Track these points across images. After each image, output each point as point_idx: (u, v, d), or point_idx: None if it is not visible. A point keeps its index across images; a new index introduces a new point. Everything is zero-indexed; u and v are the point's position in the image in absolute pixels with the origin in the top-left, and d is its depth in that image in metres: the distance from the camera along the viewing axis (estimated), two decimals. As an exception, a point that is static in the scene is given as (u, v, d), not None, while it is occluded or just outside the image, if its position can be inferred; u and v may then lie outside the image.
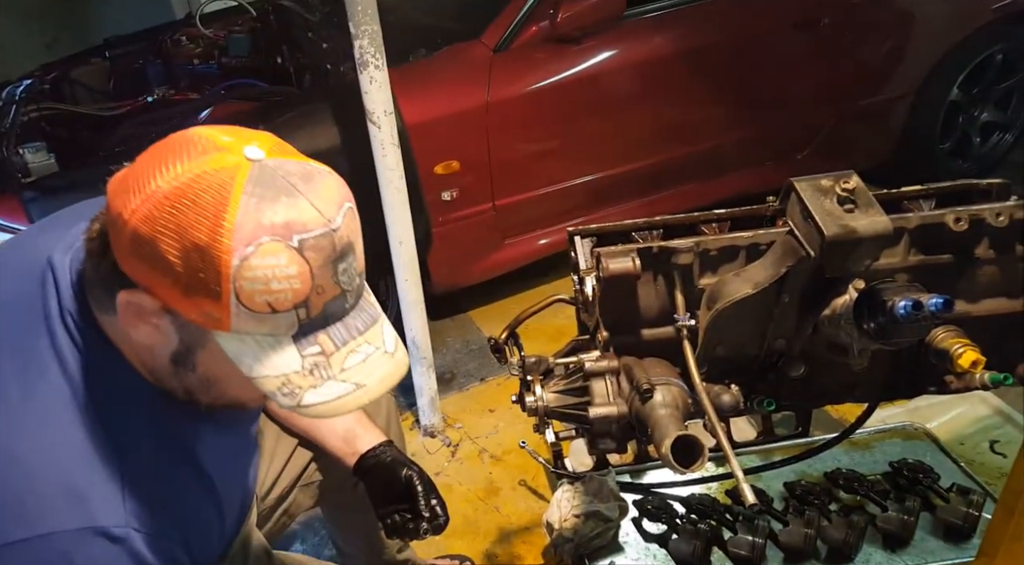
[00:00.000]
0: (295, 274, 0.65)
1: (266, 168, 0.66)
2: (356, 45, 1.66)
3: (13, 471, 0.72)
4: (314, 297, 0.67)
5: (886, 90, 2.88)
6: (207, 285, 0.64)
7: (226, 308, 0.65)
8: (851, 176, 0.87)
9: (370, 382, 0.72)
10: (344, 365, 0.71)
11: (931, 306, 0.83)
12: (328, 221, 0.66)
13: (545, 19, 2.30)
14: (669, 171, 2.67)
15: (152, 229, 0.63)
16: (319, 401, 0.69)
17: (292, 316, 0.67)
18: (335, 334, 0.71)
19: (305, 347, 0.69)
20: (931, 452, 1.72)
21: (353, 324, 0.72)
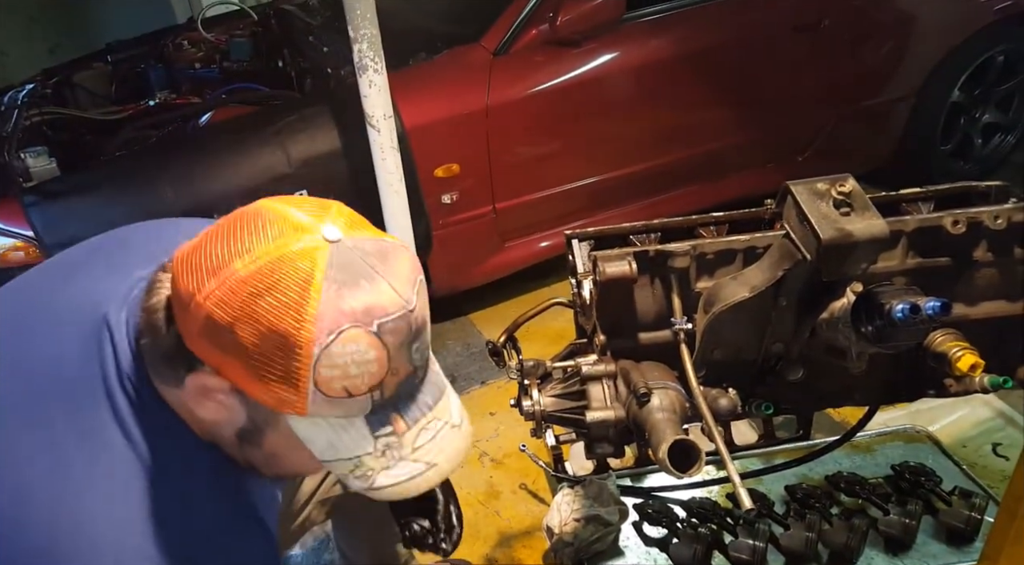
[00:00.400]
0: (373, 359, 0.64)
1: (344, 250, 0.64)
2: (355, 49, 1.66)
3: (81, 544, 0.70)
4: (389, 379, 0.66)
5: (887, 91, 2.87)
6: (286, 372, 0.63)
7: (303, 395, 0.64)
8: (847, 179, 0.87)
9: (440, 460, 0.71)
10: (415, 444, 0.70)
11: (929, 309, 0.83)
12: (406, 302, 0.65)
13: (545, 22, 2.30)
14: (670, 174, 2.66)
15: (229, 315, 0.62)
16: (391, 483, 0.69)
17: (367, 399, 0.66)
18: (407, 413, 0.70)
19: (377, 428, 0.68)
20: (933, 455, 1.70)
21: (423, 400, 0.71)
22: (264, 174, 1.92)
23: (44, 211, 1.89)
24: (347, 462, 0.68)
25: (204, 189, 1.87)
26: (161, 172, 1.99)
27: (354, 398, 0.65)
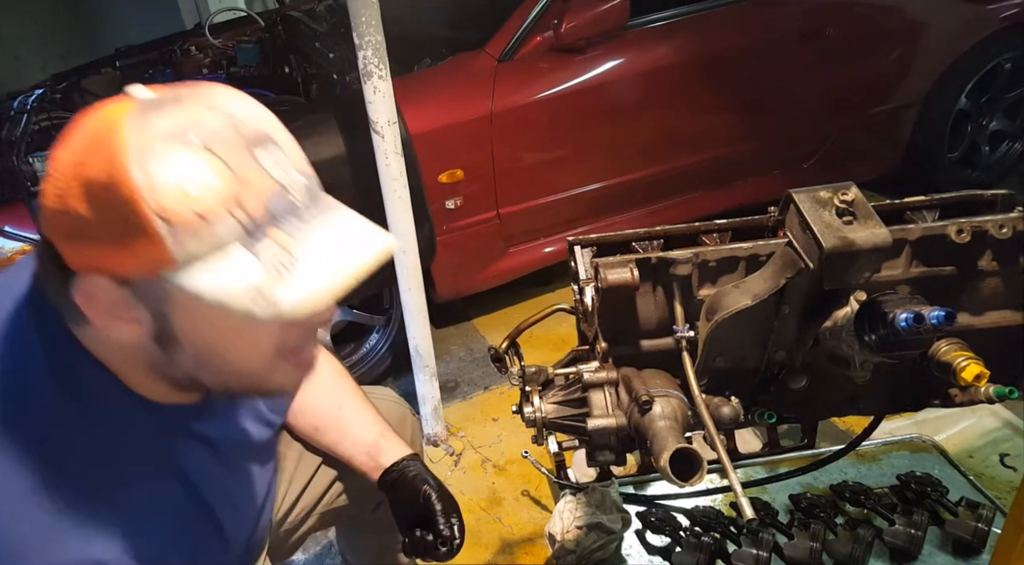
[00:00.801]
0: (208, 172, 0.60)
1: (151, 100, 0.63)
2: (360, 55, 1.67)
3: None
4: (246, 194, 0.62)
5: (893, 99, 2.87)
6: (129, 221, 0.59)
7: (158, 237, 0.60)
8: (850, 188, 0.87)
9: (346, 260, 0.66)
10: (313, 252, 0.64)
11: (933, 319, 0.82)
12: (228, 115, 0.63)
13: (549, 29, 2.31)
14: (674, 180, 2.66)
15: (61, 194, 0.61)
16: (298, 298, 0.63)
17: (231, 221, 0.61)
18: (290, 227, 0.64)
19: (261, 251, 0.63)
20: (939, 465, 1.70)
21: (309, 213, 0.66)
22: (269, 179, 1.92)
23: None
24: (243, 295, 0.62)
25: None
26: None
27: (213, 222, 0.61)
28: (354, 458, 1.19)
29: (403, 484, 1.15)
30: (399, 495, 1.15)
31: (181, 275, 0.62)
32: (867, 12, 2.72)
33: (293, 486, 1.24)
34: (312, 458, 1.25)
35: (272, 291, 0.62)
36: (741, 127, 2.67)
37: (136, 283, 0.64)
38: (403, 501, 1.15)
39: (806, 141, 2.84)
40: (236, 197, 0.61)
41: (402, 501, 1.15)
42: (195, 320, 0.67)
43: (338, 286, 0.65)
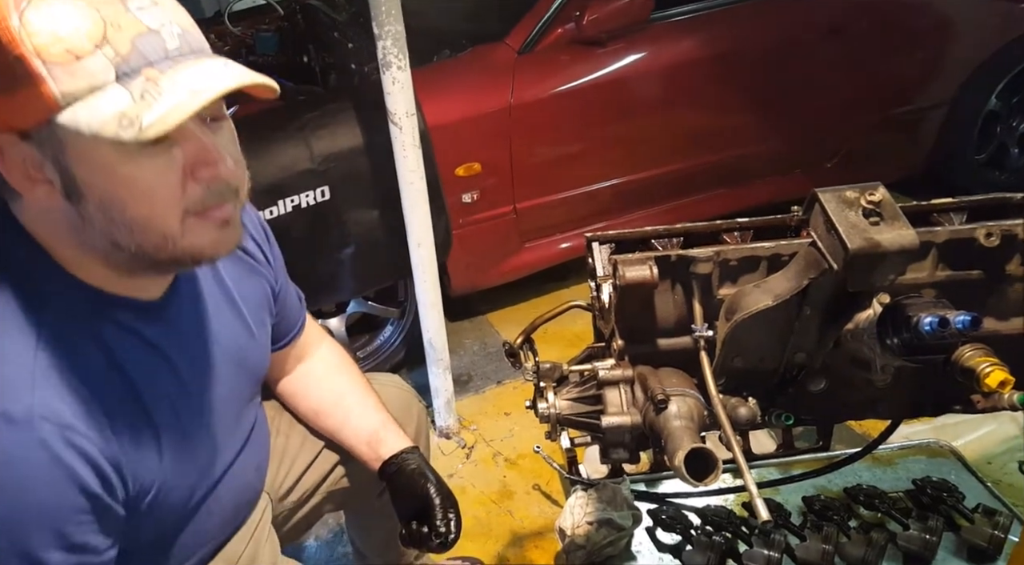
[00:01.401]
0: (75, 12, 0.65)
1: None
2: (379, 46, 1.66)
3: None
4: (113, 32, 0.66)
5: (920, 99, 2.82)
6: (14, 68, 0.64)
7: (39, 78, 0.65)
8: (877, 188, 0.85)
9: (204, 86, 0.69)
10: (178, 81, 0.68)
11: (958, 323, 0.81)
12: None
13: (571, 21, 2.29)
14: (694, 177, 2.64)
15: None
16: (157, 116, 0.66)
17: (101, 59, 0.66)
18: (161, 66, 0.68)
19: (131, 86, 0.67)
20: (956, 471, 1.67)
21: (185, 59, 0.70)
22: (287, 169, 1.92)
23: None
24: (111, 121, 0.66)
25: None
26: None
27: (85, 59, 0.65)
28: (356, 446, 1.21)
29: (402, 476, 1.16)
30: (398, 487, 1.17)
31: (64, 115, 0.66)
32: (895, 9, 2.68)
33: (296, 465, 1.25)
34: (315, 441, 1.26)
35: (136, 115, 0.66)
36: (763, 125, 2.64)
37: (35, 134, 0.68)
38: (402, 493, 1.16)
39: (829, 140, 2.80)
40: (105, 36, 0.66)
41: (401, 493, 1.16)
42: (90, 165, 0.70)
43: (195, 103, 0.68)
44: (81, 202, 0.72)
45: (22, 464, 0.72)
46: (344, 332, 2.40)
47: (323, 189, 1.94)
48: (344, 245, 2.05)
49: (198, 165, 0.74)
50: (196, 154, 0.74)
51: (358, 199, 2.00)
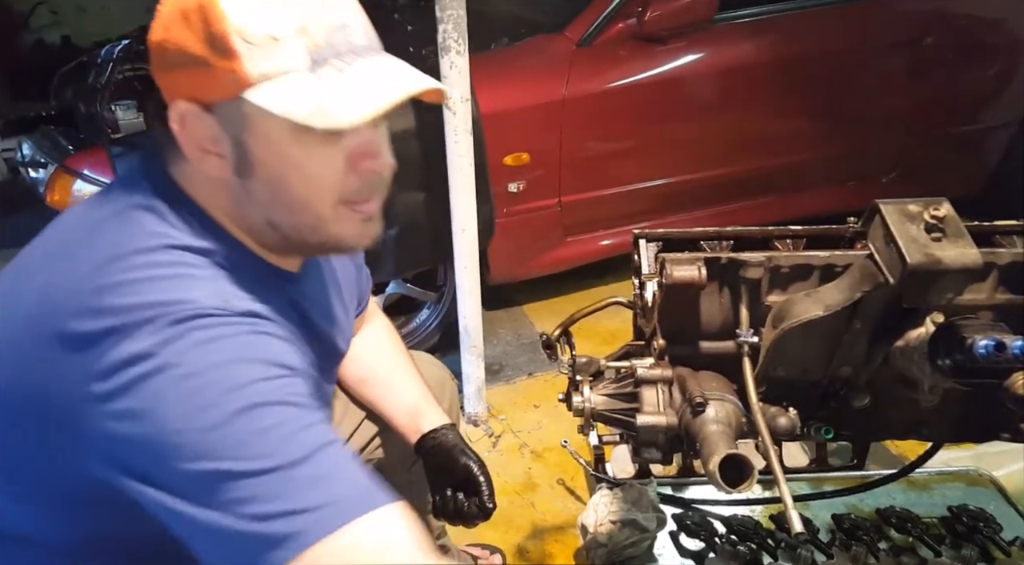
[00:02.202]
0: (286, 3, 0.70)
1: None
2: (440, 29, 1.66)
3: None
4: (310, 22, 0.71)
5: (987, 117, 2.75)
6: (216, 41, 0.69)
7: (237, 55, 0.69)
8: (942, 203, 0.83)
9: (392, 83, 0.73)
10: (365, 75, 0.72)
11: (1015, 349, 0.78)
12: None
13: (633, 17, 2.27)
14: (744, 183, 2.60)
15: (164, 27, 0.72)
16: (350, 109, 0.70)
17: (298, 44, 0.70)
18: (349, 58, 0.73)
19: (323, 75, 0.71)
20: (996, 501, 1.62)
21: (369, 55, 0.75)
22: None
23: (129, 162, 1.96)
24: (304, 108, 0.69)
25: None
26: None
27: (283, 42, 0.69)
28: (395, 417, 1.23)
29: (440, 451, 1.18)
30: (435, 460, 1.19)
31: (255, 93, 0.70)
32: (970, 24, 2.61)
33: (341, 430, 1.27)
34: (357, 411, 1.29)
35: (329, 105, 0.70)
36: (820, 134, 2.60)
37: (219, 107, 0.73)
38: (439, 468, 1.18)
39: (888, 153, 2.74)
40: (304, 25, 0.70)
41: (438, 468, 1.18)
42: (268, 144, 0.74)
43: (386, 102, 0.71)
44: (250, 178, 0.76)
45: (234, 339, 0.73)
46: (381, 312, 2.42)
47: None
48: (388, 226, 2.05)
49: (361, 157, 0.77)
50: (362, 147, 0.77)
51: (406, 181, 2.01)
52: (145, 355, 0.67)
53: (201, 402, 0.66)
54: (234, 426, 0.66)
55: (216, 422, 0.66)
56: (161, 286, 0.70)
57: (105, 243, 0.73)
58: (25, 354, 0.71)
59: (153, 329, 0.67)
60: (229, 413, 0.66)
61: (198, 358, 0.68)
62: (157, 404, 0.66)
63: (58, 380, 0.69)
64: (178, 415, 0.66)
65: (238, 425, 0.66)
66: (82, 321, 0.68)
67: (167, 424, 0.66)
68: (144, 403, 0.66)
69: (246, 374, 0.69)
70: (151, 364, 0.66)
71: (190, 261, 0.74)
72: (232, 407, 0.66)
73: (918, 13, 2.53)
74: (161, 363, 0.67)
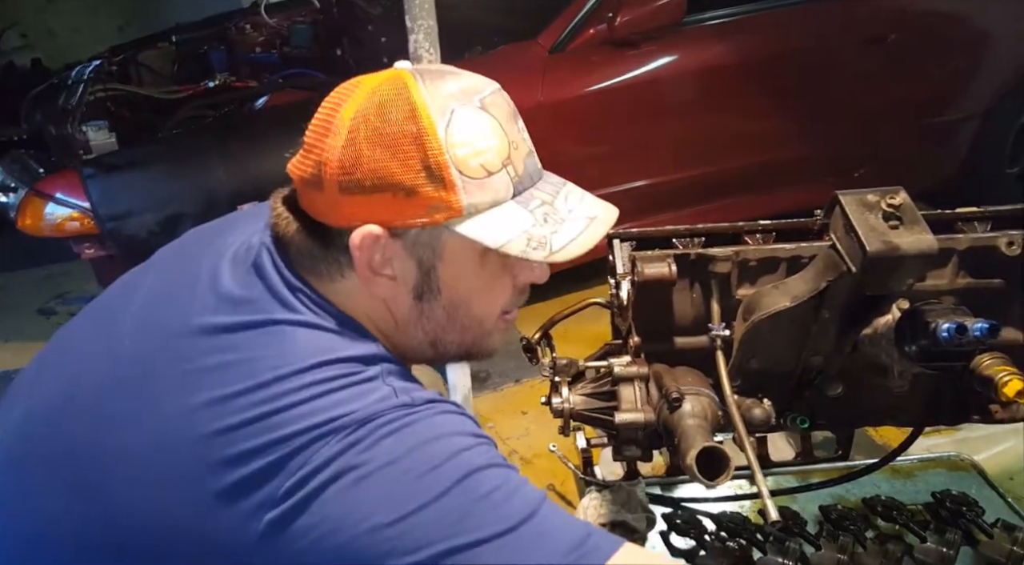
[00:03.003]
0: (490, 130, 0.70)
1: (415, 69, 0.73)
2: (411, 39, 1.68)
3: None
4: (513, 153, 0.71)
5: (953, 110, 2.79)
6: (428, 169, 0.68)
7: (452, 185, 0.68)
8: (898, 192, 0.85)
9: (597, 214, 0.77)
10: (568, 207, 0.75)
11: (975, 331, 0.80)
12: (490, 82, 0.73)
13: (603, 22, 2.29)
14: (722, 182, 2.63)
15: (357, 151, 0.68)
16: (567, 241, 0.72)
17: (505, 176, 0.70)
18: (544, 188, 0.75)
19: (528, 204, 0.72)
20: (977, 485, 1.65)
21: (550, 179, 0.77)
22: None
23: (101, 183, 1.96)
24: (519, 239, 0.70)
25: (255, 170, 1.92)
26: (214, 152, 2.04)
27: (494, 176, 0.70)
28: None
29: None
30: None
31: (463, 224, 0.70)
32: (933, 20, 2.65)
33: None
34: None
35: (544, 237, 0.71)
36: (793, 131, 2.63)
37: (417, 235, 0.72)
38: None
39: (860, 148, 2.77)
40: (509, 155, 0.71)
41: None
42: (461, 270, 0.75)
43: (594, 236, 0.75)
44: (429, 300, 0.76)
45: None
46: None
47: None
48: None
49: (525, 274, 0.81)
50: (530, 265, 0.80)
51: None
52: (324, 465, 0.63)
53: (406, 487, 0.63)
54: (454, 500, 0.64)
55: (428, 500, 0.63)
56: (335, 398, 0.67)
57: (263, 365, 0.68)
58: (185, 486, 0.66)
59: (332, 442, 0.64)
60: (443, 488, 0.64)
61: (390, 448, 0.65)
62: (349, 508, 0.62)
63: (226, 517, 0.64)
64: (381, 509, 0.62)
65: (457, 498, 0.64)
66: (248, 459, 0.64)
67: (367, 522, 0.62)
68: (333, 509, 0.62)
69: (447, 448, 0.67)
70: (329, 472, 0.63)
71: (357, 369, 0.71)
72: (445, 482, 0.64)
73: (883, 11, 2.57)
74: (342, 467, 0.63)
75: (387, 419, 0.67)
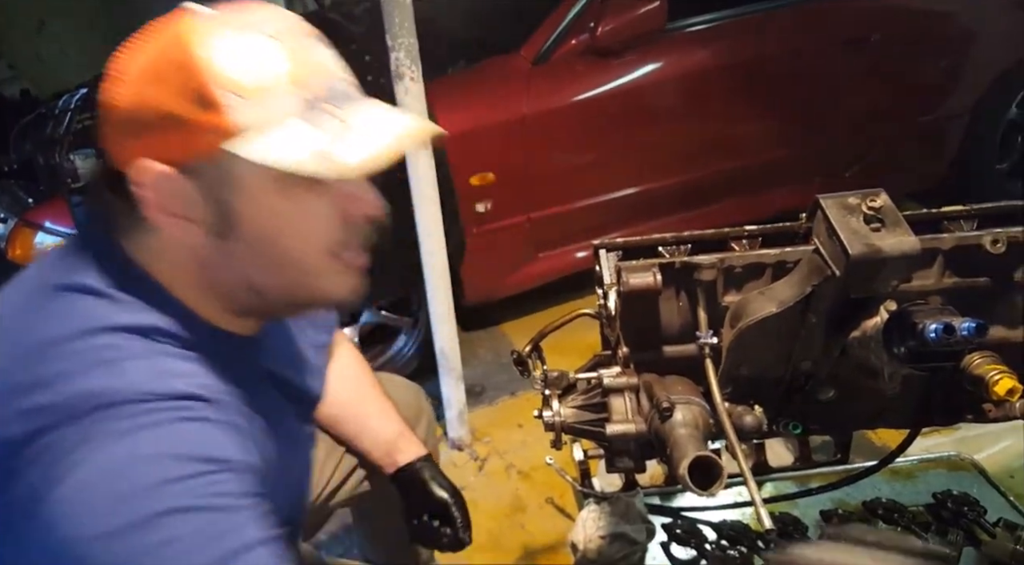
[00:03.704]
0: (272, 50, 0.66)
1: (197, 5, 0.69)
2: (392, 57, 1.68)
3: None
4: (307, 74, 0.67)
5: (941, 108, 2.80)
6: (197, 95, 0.64)
7: (221, 107, 0.64)
8: (879, 194, 0.84)
9: (401, 129, 0.71)
10: (368, 123, 0.69)
11: (963, 330, 0.79)
12: (290, 15, 0.70)
13: (585, 32, 2.30)
14: (711, 187, 2.63)
15: (130, 88, 0.67)
16: (361, 157, 0.67)
17: (292, 96, 0.66)
18: (350, 106, 0.70)
19: (322, 124, 0.67)
20: (978, 484, 1.63)
21: (354, 98, 0.72)
22: (301, 178, 1.94)
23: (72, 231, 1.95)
24: (307, 159, 0.65)
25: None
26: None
27: (275, 96, 0.66)
28: (370, 452, 1.22)
29: (415, 485, 1.19)
30: (413, 493, 1.19)
31: (248, 147, 0.65)
32: (915, 19, 2.66)
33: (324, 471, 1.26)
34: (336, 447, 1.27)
35: (334, 153, 0.66)
36: (780, 134, 2.63)
37: (201, 168, 0.67)
38: (416, 499, 1.19)
39: (848, 150, 2.78)
40: (299, 76, 0.67)
41: (414, 499, 1.19)
42: (258, 201, 0.69)
43: (395, 149, 0.69)
44: (231, 238, 0.71)
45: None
46: (357, 342, 2.41)
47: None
48: (358, 255, 2.07)
49: (352, 205, 0.74)
50: (355, 195, 0.74)
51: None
52: (63, 453, 0.62)
53: (103, 509, 0.60)
54: (126, 542, 0.60)
55: (113, 530, 0.60)
56: (91, 375, 0.65)
57: (38, 332, 0.68)
58: None
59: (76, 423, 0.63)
60: (122, 524, 0.60)
61: (98, 458, 0.62)
62: (64, 510, 0.61)
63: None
64: (80, 523, 0.60)
65: (130, 541, 0.60)
66: (10, 426, 0.64)
67: (71, 532, 0.60)
68: (54, 509, 0.61)
69: (154, 475, 0.62)
70: (64, 465, 0.61)
71: (122, 343, 0.68)
72: (127, 517, 0.60)
73: (864, 11, 2.58)
74: (72, 463, 0.61)
75: (118, 415, 0.64)
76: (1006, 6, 2.74)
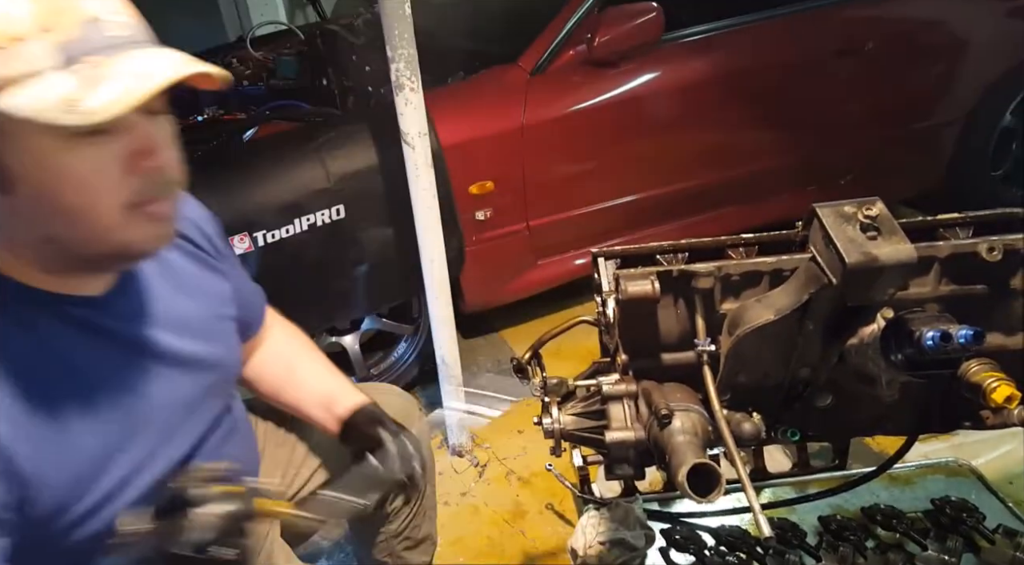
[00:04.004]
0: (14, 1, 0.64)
1: None
2: (392, 68, 1.69)
3: None
4: (55, 18, 0.66)
5: (935, 115, 2.81)
6: None
7: None
8: (875, 203, 0.85)
9: (155, 70, 0.69)
10: (122, 67, 0.68)
11: (960, 338, 0.80)
12: None
13: (582, 43, 2.31)
14: (708, 195, 2.64)
15: None
16: (103, 101, 0.65)
17: (42, 45, 0.65)
18: (106, 53, 0.68)
19: (73, 70, 0.66)
20: (976, 490, 1.64)
21: (130, 48, 0.70)
22: (303, 188, 1.95)
23: None
24: (53, 106, 0.64)
25: (245, 202, 1.92)
26: (204, 185, 2.03)
27: (25, 44, 0.64)
28: (314, 415, 1.17)
29: (359, 431, 1.11)
30: (356, 444, 1.10)
31: (4, 100, 0.64)
32: (909, 27, 2.68)
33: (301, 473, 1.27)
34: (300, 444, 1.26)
35: (80, 99, 0.65)
36: (777, 142, 2.64)
37: None
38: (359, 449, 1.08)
39: (844, 157, 2.79)
40: (47, 23, 0.65)
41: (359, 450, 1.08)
42: (32, 155, 0.68)
43: (143, 90, 0.67)
44: (11, 194, 0.70)
45: None
46: (358, 349, 2.41)
47: (338, 208, 1.97)
48: (358, 262, 2.08)
49: (139, 156, 0.73)
50: (137, 144, 0.72)
51: (372, 217, 2.02)
52: None
53: None
54: None
55: None
56: None
57: None
58: None
59: None
60: None
61: None
62: None
63: None
64: None
65: None
66: None
67: None
68: None
69: None
70: None
71: None
72: None
73: (859, 20, 2.60)
74: None
75: None
76: (999, 14, 2.76)
